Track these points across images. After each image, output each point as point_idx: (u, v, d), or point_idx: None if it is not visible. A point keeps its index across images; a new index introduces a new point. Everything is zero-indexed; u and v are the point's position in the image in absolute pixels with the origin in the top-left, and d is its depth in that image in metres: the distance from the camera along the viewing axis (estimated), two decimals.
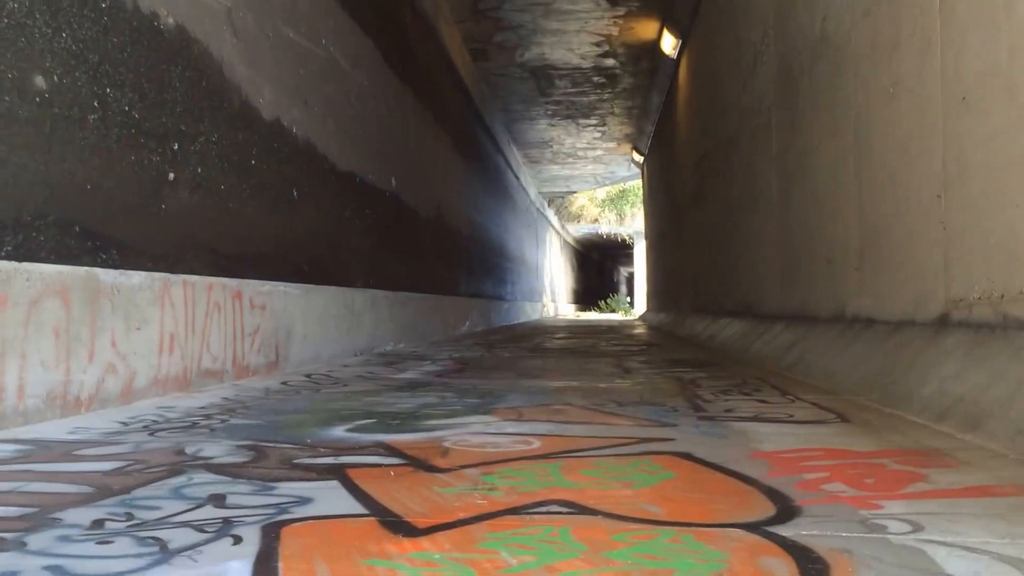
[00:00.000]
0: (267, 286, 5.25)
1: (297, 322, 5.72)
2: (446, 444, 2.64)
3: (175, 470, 2.21)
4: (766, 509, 1.82)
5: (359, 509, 1.84)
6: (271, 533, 1.63)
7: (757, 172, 7.71)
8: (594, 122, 19.80)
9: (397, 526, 1.70)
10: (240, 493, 1.97)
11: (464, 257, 14.40)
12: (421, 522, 1.73)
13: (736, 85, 8.64)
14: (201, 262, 4.56)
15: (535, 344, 9.40)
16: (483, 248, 16.97)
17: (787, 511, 1.79)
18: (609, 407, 3.57)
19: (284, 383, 4.72)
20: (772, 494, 1.95)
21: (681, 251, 14.60)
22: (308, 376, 5.15)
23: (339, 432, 2.90)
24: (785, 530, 1.64)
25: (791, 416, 3.26)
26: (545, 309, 30.57)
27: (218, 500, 1.89)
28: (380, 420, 3.19)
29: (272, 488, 2.02)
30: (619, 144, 22.28)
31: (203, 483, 2.06)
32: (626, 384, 4.62)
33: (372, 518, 1.77)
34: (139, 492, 1.96)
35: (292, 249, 6.05)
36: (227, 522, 1.71)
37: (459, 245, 13.83)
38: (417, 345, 9.00)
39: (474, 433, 2.87)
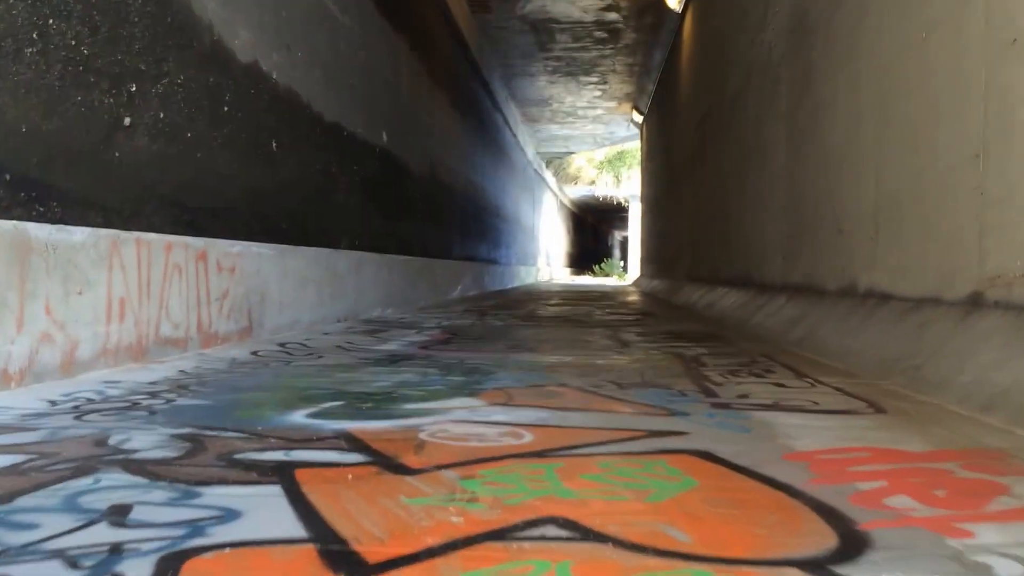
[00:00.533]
0: (237, 246, 4.83)
1: (272, 286, 5.31)
2: (422, 435, 2.26)
3: (84, 468, 1.82)
4: (824, 537, 1.44)
5: (297, 531, 1.45)
6: (166, 571, 1.24)
7: (764, 131, 7.26)
8: (595, 80, 19.22)
9: (341, 559, 1.31)
10: (151, 504, 1.58)
11: (458, 218, 13.96)
12: (375, 552, 1.35)
13: (744, 39, 8.16)
14: (162, 217, 4.13)
15: (528, 311, 9.02)
16: (478, 209, 16.51)
17: (853, 540, 1.41)
18: (608, 389, 3.18)
19: (255, 353, 4.33)
20: (826, 513, 1.57)
21: (678, 216, 14.18)
22: (282, 345, 4.75)
23: (299, 417, 2.51)
24: (859, 573, 1.26)
25: (816, 404, 2.88)
26: (540, 273, 30.17)
27: (118, 515, 1.50)
28: (349, 402, 2.80)
29: (195, 496, 1.63)
30: (619, 104, 21.71)
31: (111, 488, 1.67)
32: (624, 360, 4.24)
33: (310, 545, 1.38)
34: (23, 501, 1.57)
35: (269, 206, 5.62)
36: (115, 550, 1.32)
37: (454, 206, 13.38)
38: (405, 311, 8.61)
39: (456, 421, 2.48)
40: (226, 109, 4.98)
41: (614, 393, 3.08)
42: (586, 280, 31.96)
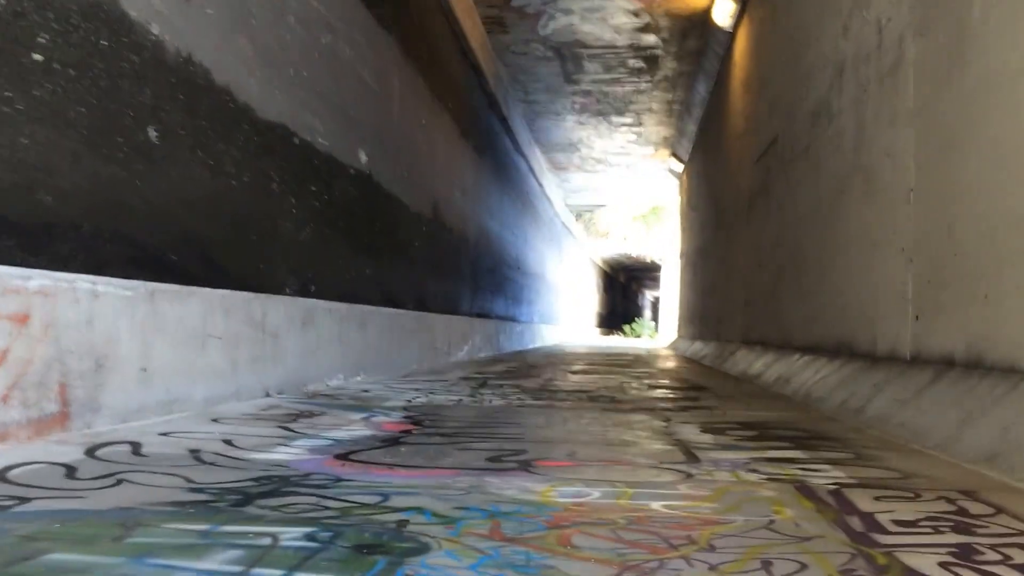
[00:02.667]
0: (37, 279, 2.88)
1: (125, 345, 3.34)
2: None
3: None
4: None
5: None
6: None
7: (870, 145, 5.26)
8: (629, 121, 17.40)
9: None
10: None
11: (469, 269, 12.02)
12: None
13: (833, 28, 6.22)
14: None
15: (543, 381, 6.96)
16: (496, 260, 14.59)
17: None
18: None
19: None
20: None
21: (727, 270, 12.13)
22: (93, 451, 2.75)
23: None
24: None
25: None
26: (565, 333, 28.08)
27: None
28: None
29: None
30: (656, 149, 19.87)
31: None
32: (706, 496, 2.20)
33: None
34: None
35: (143, 225, 3.70)
36: None
37: (463, 254, 11.47)
38: (382, 378, 6.60)
39: None
40: (53, 65, 3.10)
41: None
42: (616, 341, 29.79)
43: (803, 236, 7.18)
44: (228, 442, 3.00)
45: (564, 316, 28.59)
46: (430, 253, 9.42)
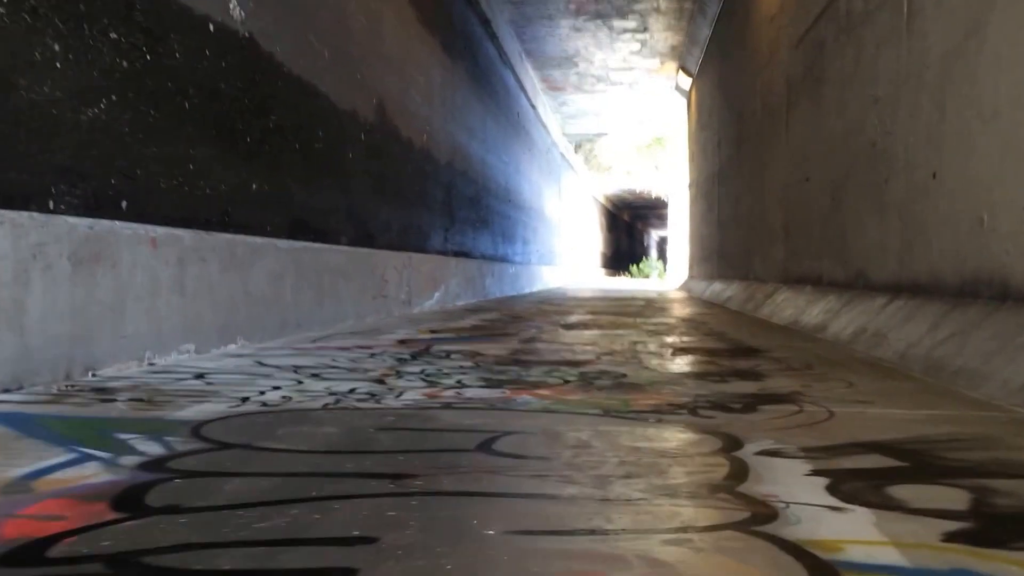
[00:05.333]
0: None
1: None
2: None
3: None
4: None
5: None
6: None
7: None
8: (632, 25, 14.92)
9: None
10: None
11: (442, 195, 9.78)
12: None
13: None
14: None
15: (520, 344, 4.80)
16: (478, 188, 12.33)
17: None
18: None
19: None
20: None
21: (756, 190, 9.86)
22: None
23: None
24: None
25: None
26: (568, 274, 25.90)
27: None
28: None
29: None
30: (663, 63, 17.38)
31: None
32: None
33: None
34: None
35: None
36: None
37: (430, 175, 9.21)
38: (269, 345, 4.44)
39: None
40: None
41: None
42: (622, 283, 27.65)
43: (891, 120, 4.91)
44: None
45: (566, 257, 26.36)
46: (376, 170, 7.18)
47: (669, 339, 5.15)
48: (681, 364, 3.82)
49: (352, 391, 2.81)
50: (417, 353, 4.10)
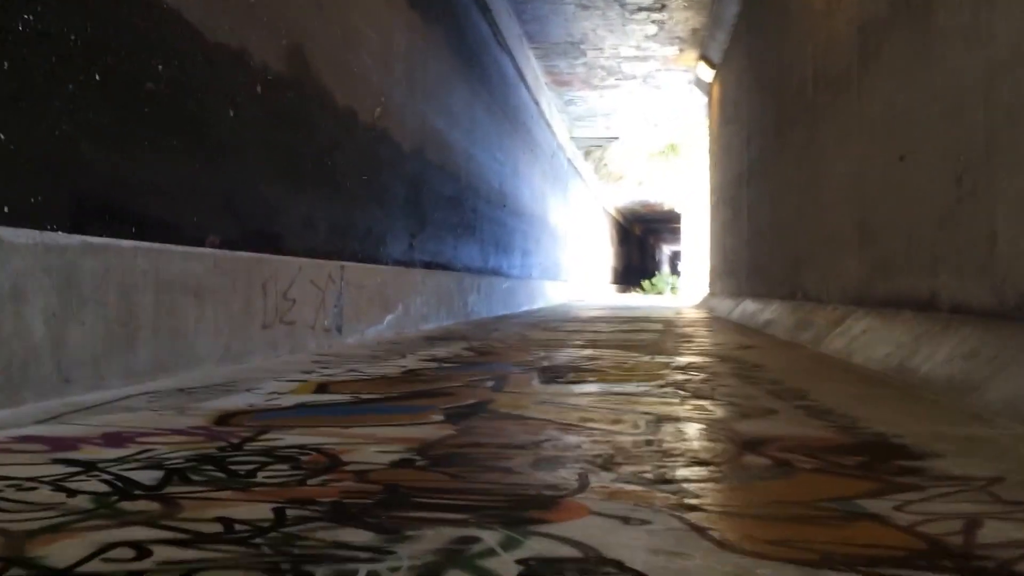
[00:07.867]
0: None
1: None
2: None
3: None
4: None
5: None
6: None
7: None
8: (648, 2, 12.79)
9: None
10: None
11: (403, 190, 7.64)
12: None
13: None
14: None
15: (454, 417, 2.62)
16: (461, 186, 10.18)
17: None
18: None
19: None
20: None
21: (806, 185, 7.68)
22: None
23: None
24: None
25: None
26: (575, 290, 23.70)
27: None
28: None
29: None
30: (681, 50, 15.23)
31: None
32: None
33: None
34: None
35: None
36: None
37: (386, 162, 7.07)
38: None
39: None
40: None
41: None
42: (634, 300, 25.43)
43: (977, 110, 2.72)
44: None
45: (574, 271, 24.16)
46: (286, 143, 5.05)
47: (714, 407, 2.96)
48: (785, 517, 1.63)
49: None
50: (170, 472, 1.92)
